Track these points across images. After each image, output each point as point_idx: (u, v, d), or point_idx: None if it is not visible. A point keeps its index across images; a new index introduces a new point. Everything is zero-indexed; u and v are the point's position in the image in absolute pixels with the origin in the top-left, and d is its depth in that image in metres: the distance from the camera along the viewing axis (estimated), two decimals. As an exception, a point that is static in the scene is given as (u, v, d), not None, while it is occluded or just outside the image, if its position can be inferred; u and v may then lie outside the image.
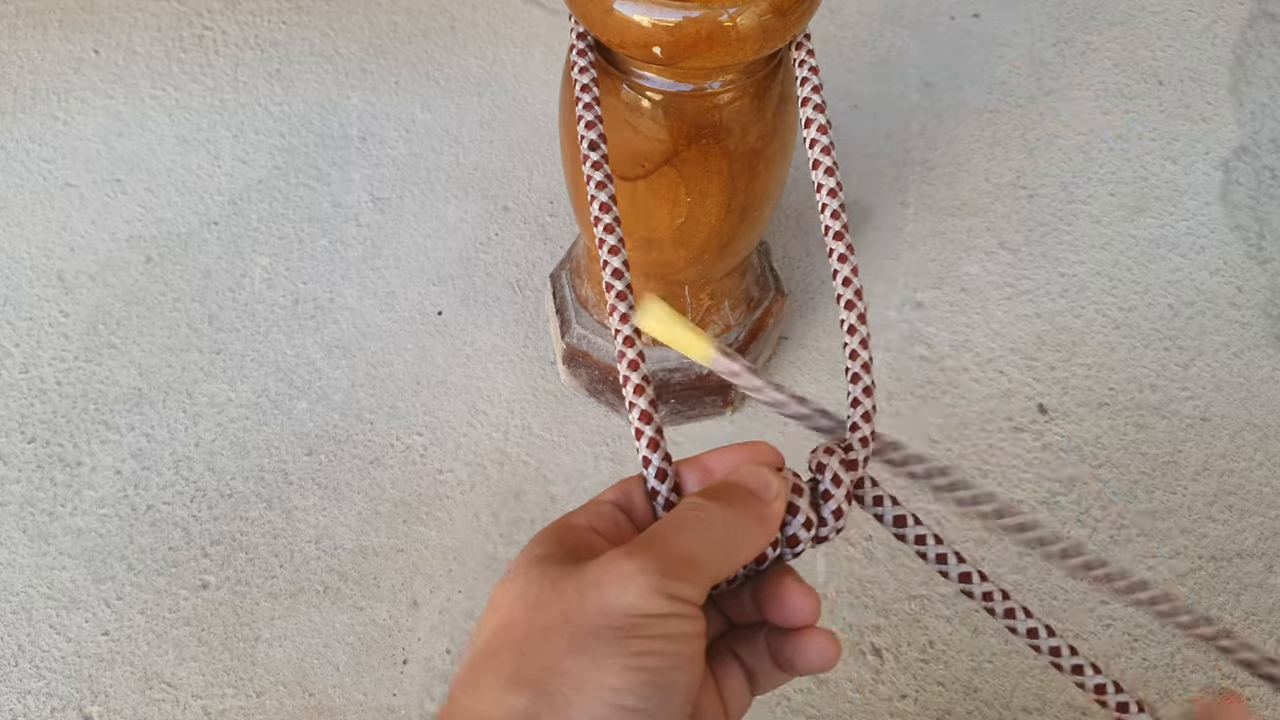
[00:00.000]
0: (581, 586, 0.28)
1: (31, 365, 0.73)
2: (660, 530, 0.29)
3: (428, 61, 0.90)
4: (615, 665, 0.26)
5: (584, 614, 0.27)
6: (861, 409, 0.35)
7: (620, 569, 0.28)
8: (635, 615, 0.27)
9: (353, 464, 0.69)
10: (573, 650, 0.27)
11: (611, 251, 0.37)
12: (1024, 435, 0.70)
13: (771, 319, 0.69)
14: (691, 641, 0.28)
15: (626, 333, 0.35)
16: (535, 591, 0.28)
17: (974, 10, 0.95)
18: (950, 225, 0.81)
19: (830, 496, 0.32)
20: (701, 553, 0.29)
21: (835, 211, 0.38)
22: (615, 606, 0.27)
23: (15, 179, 0.82)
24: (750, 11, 0.44)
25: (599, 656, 0.26)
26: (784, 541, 0.32)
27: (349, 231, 0.79)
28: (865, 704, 0.61)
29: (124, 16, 0.92)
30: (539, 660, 0.27)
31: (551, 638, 0.27)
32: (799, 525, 0.31)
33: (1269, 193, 0.83)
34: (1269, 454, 0.70)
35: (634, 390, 0.34)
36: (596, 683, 0.26)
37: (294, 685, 0.61)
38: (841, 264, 0.37)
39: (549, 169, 0.83)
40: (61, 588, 0.64)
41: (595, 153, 0.40)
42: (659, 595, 0.27)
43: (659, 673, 0.27)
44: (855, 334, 0.36)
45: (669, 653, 0.27)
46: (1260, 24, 0.94)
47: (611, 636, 0.27)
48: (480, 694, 0.27)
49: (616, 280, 0.37)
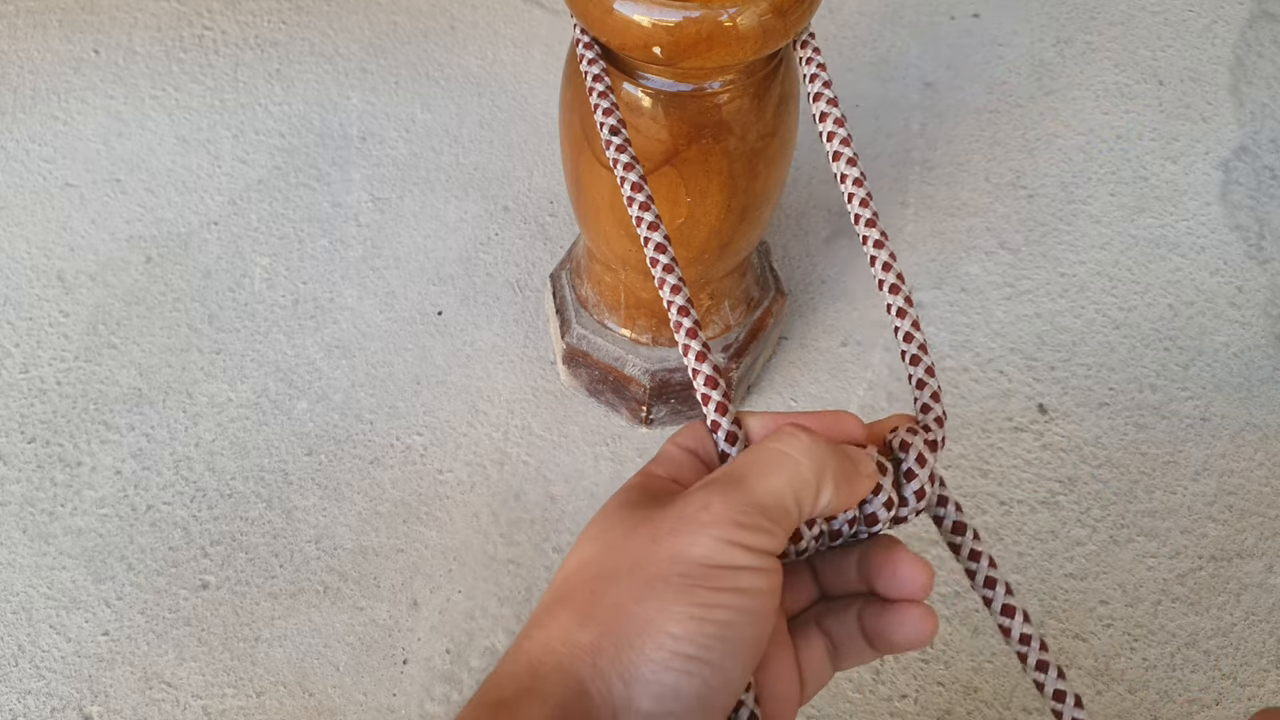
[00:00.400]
0: (656, 532, 0.28)
1: (31, 365, 0.73)
2: (741, 470, 0.29)
3: (428, 61, 0.90)
4: (680, 613, 0.26)
5: (656, 560, 0.27)
6: (929, 389, 0.34)
7: (695, 516, 0.27)
8: (707, 565, 0.27)
9: (353, 464, 0.69)
10: (641, 594, 0.26)
11: (651, 228, 0.37)
12: (1024, 435, 0.70)
13: (771, 319, 0.69)
14: (762, 596, 0.27)
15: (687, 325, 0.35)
16: (612, 536, 0.28)
17: (974, 10, 0.95)
18: (950, 225, 0.81)
19: (914, 476, 0.31)
20: (783, 496, 0.28)
21: (864, 200, 0.38)
22: (687, 555, 0.27)
23: (15, 179, 0.82)
24: (750, 11, 0.44)
25: (666, 603, 0.26)
26: (862, 520, 0.31)
27: (349, 231, 0.79)
28: (865, 704, 0.61)
29: (124, 16, 0.92)
30: (607, 600, 0.27)
31: (621, 580, 0.27)
32: (880, 504, 0.31)
33: (1269, 193, 0.83)
34: (1269, 454, 0.70)
35: (696, 357, 0.34)
36: (659, 629, 0.26)
37: (294, 685, 0.61)
38: (879, 250, 0.37)
39: (549, 169, 0.83)
40: (61, 588, 0.64)
41: (617, 137, 0.40)
42: (734, 547, 0.27)
43: (724, 625, 0.26)
44: (905, 316, 0.35)
45: (737, 606, 0.27)
46: (1260, 24, 0.94)
47: (680, 584, 0.26)
48: (551, 627, 0.27)
49: (661, 255, 0.36)
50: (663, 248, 0.36)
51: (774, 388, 0.73)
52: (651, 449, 0.69)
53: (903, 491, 0.31)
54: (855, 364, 0.74)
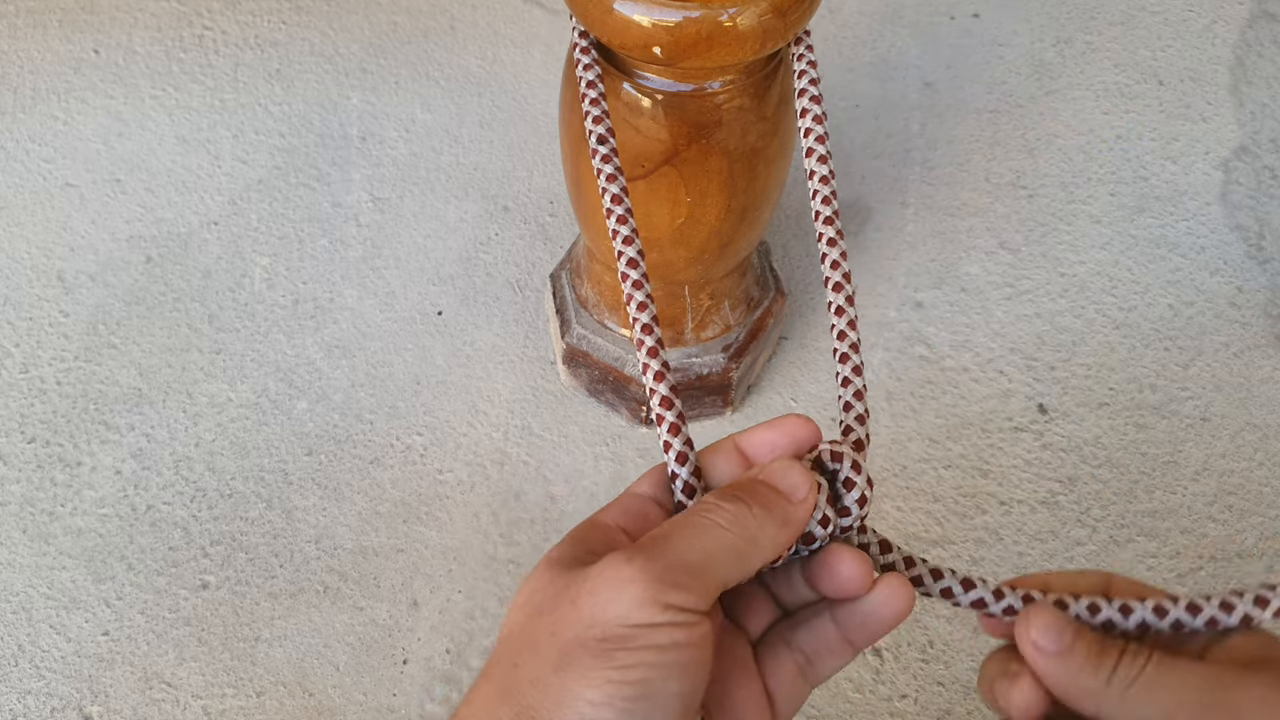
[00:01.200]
0: (578, 594, 0.27)
1: (31, 365, 0.73)
2: (666, 533, 0.28)
3: (428, 61, 0.90)
4: (597, 679, 0.25)
5: (574, 624, 0.26)
6: (854, 412, 0.35)
7: (617, 575, 0.27)
8: (624, 625, 0.26)
9: (353, 464, 0.69)
10: (559, 663, 0.26)
11: (626, 242, 0.37)
12: (1024, 435, 0.70)
13: (771, 319, 0.69)
14: (686, 650, 0.27)
15: (649, 343, 0.35)
16: (538, 600, 0.28)
17: (974, 10, 0.95)
18: (950, 225, 0.81)
19: (853, 485, 0.31)
20: (708, 558, 0.28)
21: (826, 198, 0.38)
22: (603, 616, 0.26)
23: (15, 179, 0.82)
24: (750, 11, 0.44)
25: (584, 670, 0.26)
26: (799, 539, 0.31)
27: (349, 231, 0.79)
28: (865, 704, 0.61)
29: (124, 16, 0.92)
30: (525, 673, 0.26)
31: (540, 649, 0.27)
32: (815, 522, 0.30)
33: (1269, 193, 0.83)
34: (1269, 454, 0.70)
35: (654, 377, 0.34)
36: (577, 697, 0.25)
37: (294, 685, 0.61)
38: (831, 247, 0.37)
39: (549, 169, 0.83)
40: (61, 588, 0.64)
41: (604, 146, 0.40)
42: (652, 605, 0.26)
43: (645, 684, 0.26)
44: (843, 315, 0.36)
45: (657, 664, 0.26)
46: (1260, 24, 0.94)
47: (597, 649, 0.26)
48: (473, 706, 0.27)
49: (632, 270, 0.36)
50: (634, 263, 0.37)
51: (774, 388, 0.73)
52: (652, 449, 0.69)
53: (843, 502, 0.31)
54: (855, 364, 0.74)
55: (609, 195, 0.38)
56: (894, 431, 0.70)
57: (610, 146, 0.40)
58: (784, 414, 0.32)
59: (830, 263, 0.37)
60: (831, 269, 0.37)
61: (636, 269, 0.36)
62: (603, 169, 0.39)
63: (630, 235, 0.37)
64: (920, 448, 0.70)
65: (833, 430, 0.34)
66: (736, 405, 0.71)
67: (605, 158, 0.39)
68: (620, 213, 0.38)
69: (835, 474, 0.32)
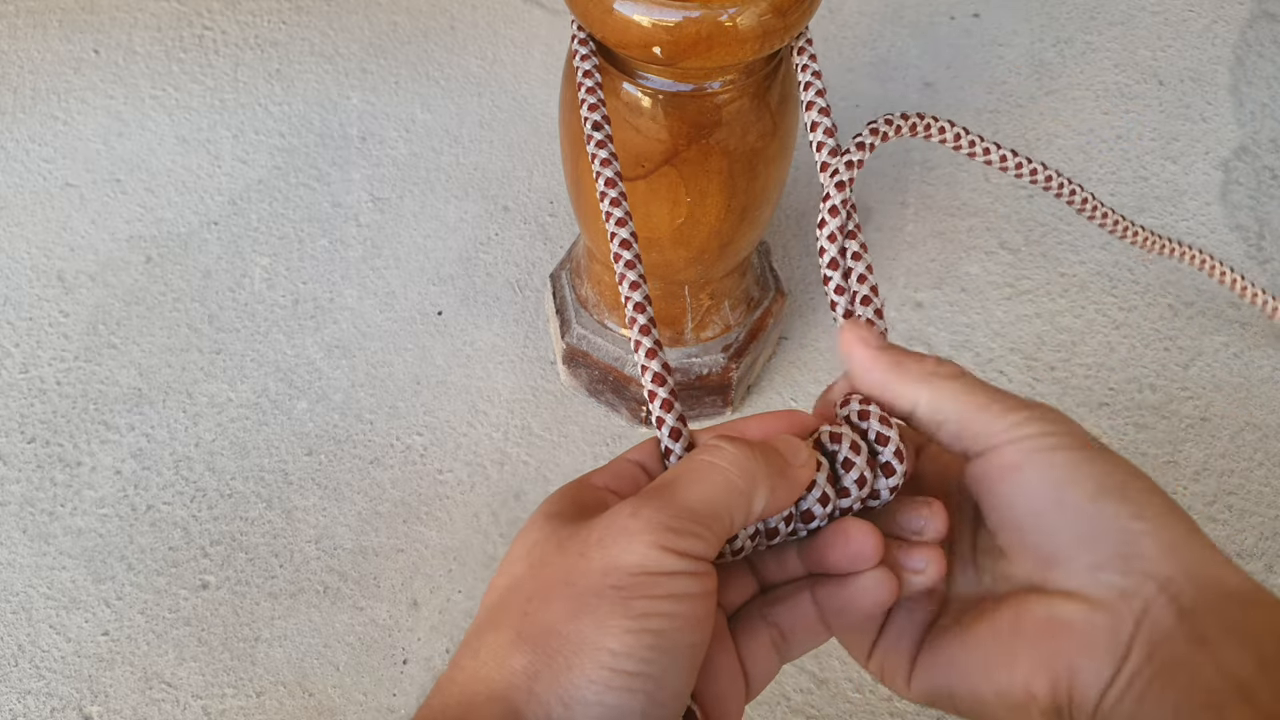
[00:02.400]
0: (585, 545, 0.27)
1: (31, 365, 0.73)
2: (669, 480, 0.28)
3: (428, 61, 0.90)
4: (616, 628, 0.25)
5: (587, 573, 0.26)
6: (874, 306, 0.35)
7: (625, 525, 0.26)
8: (639, 574, 0.26)
9: (353, 464, 0.69)
10: (574, 612, 0.26)
11: (624, 245, 0.37)
12: (1024, 435, 0.70)
13: (771, 319, 0.69)
14: (699, 601, 0.27)
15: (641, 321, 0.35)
16: (540, 551, 0.28)
17: (974, 10, 0.95)
18: (950, 225, 0.81)
19: (851, 465, 0.31)
20: (714, 503, 0.27)
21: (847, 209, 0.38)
22: (619, 564, 0.26)
23: (15, 179, 0.82)
24: (750, 11, 0.44)
25: (601, 618, 0.25)
26: (798, 517, 0.31)
27: (349, 231, 0.79)
28: (865, 704, 0.61)
29: (124, 16, 0.92)
30: (540, 621, 0.26)
31: (553, 598, 0.26)
32: (814, 500, 0.30)
33: (1269, 193, 0.83)
34: (1269, 454, 0.70)
35: (646, 354, 0.34)
36: (596, 645, 0.25)
37: (294, 685, 0.61)
38: (856, 261, 0.37)
39: (549, 169, 0.83)
40: (61, 588, 0.64)
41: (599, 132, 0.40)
42: (666, 552, 0.26)
43: (663, 635, 0.26)
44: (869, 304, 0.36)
45: (675, 614, 0.26)
46: (1260, 24, 0.94)
47: (614, 597, 0.26)
48: (482, 656, 0.26)
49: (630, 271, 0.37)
50: (627, 244, 0.37)
51: (774, 388, 0.73)
52: (651, 449, 0.69)
53: (841, 483, 0.31)
54: (855, 364, 0.74)
55: (603, 179, 0.38)
56: (894, 431, 0.70)
57: (605, 134, 0.40)
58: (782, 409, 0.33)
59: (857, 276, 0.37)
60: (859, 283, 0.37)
61: (634, 270, 0.36)
62: (597, 154, 0.39)
63: (628, 239, 0.37)
64: (920, 448, 0.70)
65: None
66: (736, 405, 0.71)
67: (600, 143, 0.39)
68: (619, 215, 0.38)
69: (834, 455, 0.32)
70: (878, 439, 0.32)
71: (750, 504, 0.28)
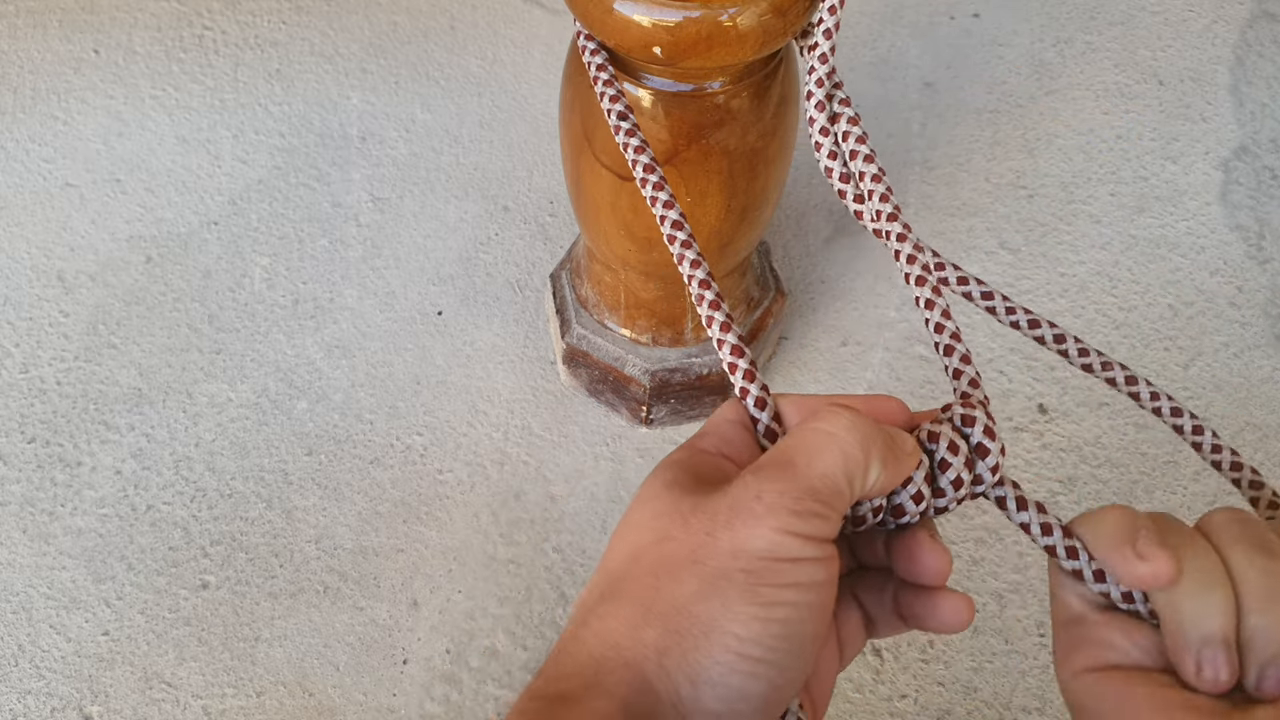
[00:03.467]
0: (712, 524, 0.27)
1: (31, 365, 0.73)
2: (789, 454, 0.28)
3: (428, 61, 0.90)
4: (744, 613, 0.25)
5: (715, 554, 0.26)
6: (967, 376, 0.34)
7: (750, 507, 0.26)
8: (768, 558, 0.26)
9: (353, 464, 0.69)
10: (703, 592, 0.26)
11: (675, 226, 0.37)
12: (1024, 435, 0.70)
13: (771, 319, 0.69)
14: (823, 589, 0.27)
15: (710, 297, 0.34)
16: (664, 524, 0.28)
17: (974, 10, 0.95)
18: (950, 225, 0.81)
19: (948, 466, 0.31)
20: (834, 478, 0.27)
21: (884, 195, 0.38)
22: (746, 548, 0.26)
23: (15, 179, 0.82)
24: (750, 11, 0.44)
25: (729, 602, 0.26)
26: (889, 509, 0.30)
27: (349, 231, 0.79)
28: (865, 704, 0.61)
29: (124, 16, 0.92)
30: (669, 597, 0.26)
31: (682, 576, 0.26)
32: (907, 496, 0.30)
33: (1269, 193, 0.83)
34: (1269, 454, 0.70)
35: (720, 327, 0.34)
36: (724, 629, 0.25)
37: (294, 685, 0.61)
38: (901, 243, 0.36)
39: (549, 169, 0.83)
40: (61, 588, 0.64)
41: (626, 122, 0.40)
42: (792, 537, 0.26)
43: (788, 624, 0.26)
44: (934, 307, 0.35)
45: (800, 603, 0.26)
46: (1260, 24, 0.94)
47: (743, 580, 0.26)
48: (611, 621, 0.27)
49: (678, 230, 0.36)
50: (679, 224, 0.36)
51: (774, 388, 0.73)
52: (652, 449, 0.69)
53: (938, 483, 0.31)
54: (855, 364, 0.74)
55: (641, 165, 0.38)
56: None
57: (632, 122, 0.40)
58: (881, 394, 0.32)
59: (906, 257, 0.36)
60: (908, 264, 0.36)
61: (691, 249, 0.36)
62: (629, 142, 0.39)
63: (679, 219, 0.37)
64: (920, 448, 0.70)
65: None
66: (736, 405, 0.70)
67: (630, 131, 0.39)
68: (665, 198, 0.37)
69: (932, 454, 0.31)
70: (978, 449, 0.31)
71: (867, 473, 0.28)
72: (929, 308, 0.35)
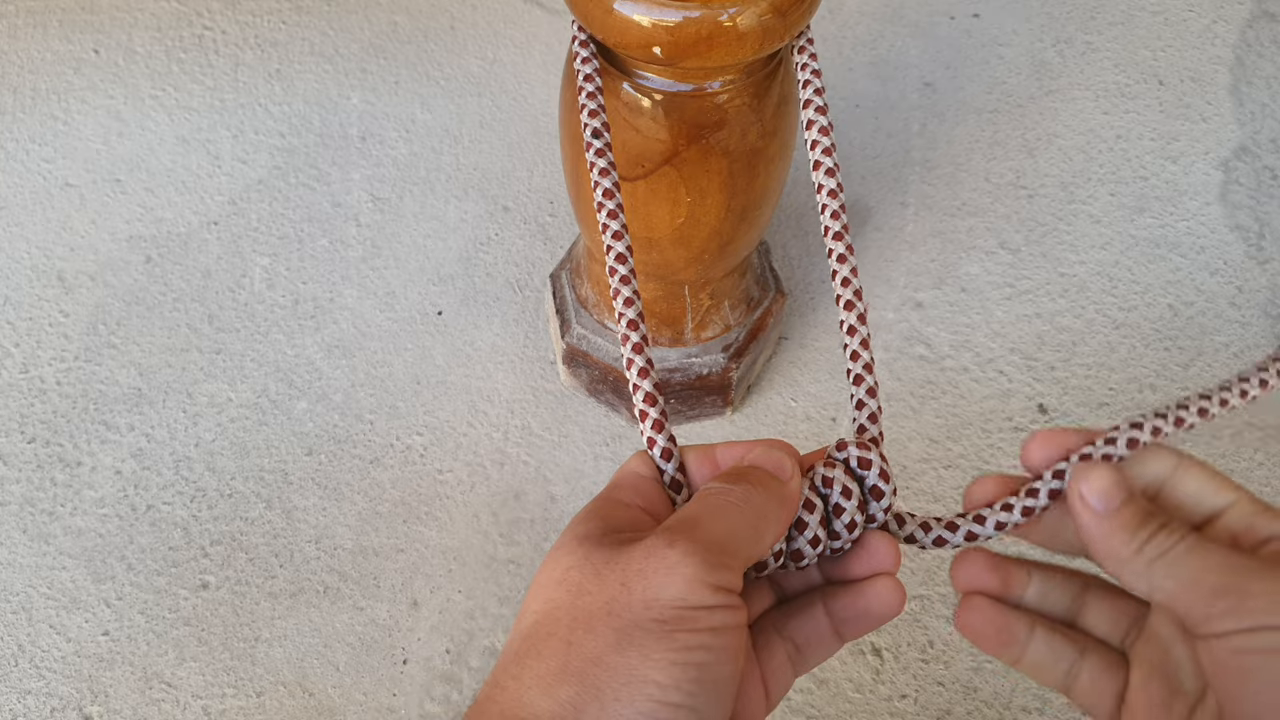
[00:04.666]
0: (625, 575, 0.27)
1: (31, 365, 0.73)
2: (694, 516, 0.29)
3: (428, 61, 0.90)
4: (662, 660, 0.26)
5: (630, 605, 0.27)
6: (867, 410, 0.35)
7: (664, 558, 0.27)
8: (681, 607, 0.26)
9: (353, 464, 0.69)
10: (620, 643, 0.26)
11: (619, 260, 0.37)
12: (1024, 435, 0.70)
13: (771, 319, 0.69)
14: (735, 633, 0.28)
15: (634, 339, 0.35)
16: (578, 577, 0.28)
17: (974, 10, 0.95)
18: (950, 225, 0.81)
19: (842, 511, 0.32)
20: (736, 537, 0.29)
21: (835, 212, 0.38)
22: (660, 598, 0.27)
23: (15, 179, 0.82)
24: (750, 11, 0.44)
25: (647, 650, 0.26)
26: (787, 554, 0.31)
27: (349, 231, 0.79)
28: (865, 704, 0.61)
29: (124, 16, 0.92)
30: (584, 651, 0.26)
31: (596, 628, 0.27)
32: (805, 542, 0.31)
33: (1269, 193, 0.83)
34: (1269, 454, 0.70)
35: (638, 373, 0.34)
36: (642, 678, 0.26)
37: (294, 685, 0.61)
38: (841, 264, 0.37)
39: (549, 169, 0.83)
40: (61, 588, 0.64)
41: (599, 140, 0.40)
42: (704, 586, 0.27)
43: (705, 667, 0.26)
44: (855, 334, 0.36)
45: (715, 646, 0.27)
46: (1260, 24, 0.94)
47: (658, 629, 0.26)
48: (526, 682, 0.27)
49: (620, 264, 0.36)
50: (623, 258, 0.37)
51: (774, 388, 0.73)
52: (651, 449, 0.69)
53: (832, 527, 0.32)
54: (855, 364, 0.74)
55: (601, 189, 0.38)
56: (894, 431, 0.70)
57: (605, 141, 0.40)
58: (769, 439, 0.33)
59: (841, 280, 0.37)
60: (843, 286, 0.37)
61: (629, 285, 0.36)
62: (596, 162, 0.39)
63: (620, 230, 0.37)
64: (920, 448, 0.70)
65: (841, 429, 0.34)
66: (736, 405, 0.71)
67: (599, 151, 0.39)
68: (611, 207, 0.38)
69: (826, 499, 0.32)
70: (873, 491, 0.32)
71: (762, 541, 0.30)
72: (850, 334, 0.36)
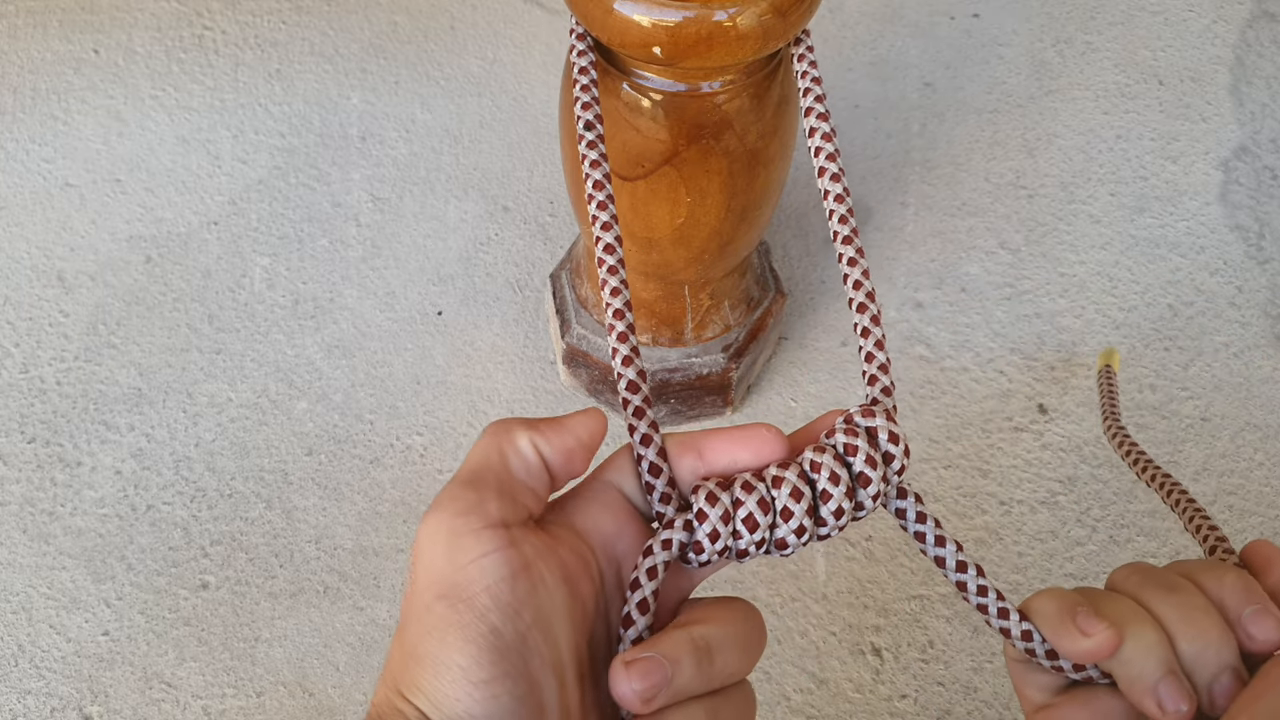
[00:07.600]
0: (413, 568, 0.26)
1: (31, 365, 0.73)
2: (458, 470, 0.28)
3: (428, 61, 0.90)
4: (456, 639, 0.25)
5: (418, 591, 0.26)
6: (880, 384, 0.35)
7: (426, 530, 0.26)
8: (451, 575, 0.25)
9: (353, 464, 0.69)
10: (419, 633, 0.25)
11: (607, 250, 0.37)
12: (1024, 435, 0.70)
13: (771, 319, 0.69)
14: (515, 582, 0.25)
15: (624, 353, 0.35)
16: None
17: (974, 10, 0.95)
18: (950, 225, 0.81)
19: (829, 497, 0.31)
20: (476, 459, 0.28)
21: (843, 216, 0.38)
22: (433, 576, 0.25)
23: (15, 179, 0.82)
24: (750, 11, 0.44)
25: (441, 633, 0.25)
26: (772, 543, 0.30)
27: (349, 231, 0.79)
28: (865, 704, 0.61)
29: (124, 16, 0.92)
30: (402, 651, 0.26)
31: (408, 624, 0.26)
32: (789, 530, 0.30)
33: (1269, 193, 0.83)
34: (1269, 454, 0.70)
35: (622, 362, 0.34)
36: (447, 663, 0.25)
37: (294, 685, 0.61)
38: (852, 267, 0.37)
39: (549, 169, 0.83)
40: (61, 588, 0.64)
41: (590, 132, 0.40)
42: (462, 537, 0.25)
43: (498, 634, 0.25)
44: (869, 336, 0.36)
45: (497, 606, 0.25)
46: (1260, 24, 0.94)
47: (442, 608, 0.25)
48: (378, 693, 0.27)
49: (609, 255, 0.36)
50: (611, 249, 0.36)
51: (774, 388, 0.73)
52: (651, 449, 0.69)
53: (819, 514, 0.31)
54: (855, 364, 0.73)
55: (592, 181, 0.38)
56: (894, 431, 0.70)
57: (597, 133, 0.40)
58: (755, 424, 0.31)
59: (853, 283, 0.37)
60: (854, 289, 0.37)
61: (616, 276, 0.36)
62: (588, 154, 0.39)
63: (613, 243, 0.37)
64: (920, 448, 0.70)
65: None
66: (737, 405, 0.71)
67: (591, 144, 0.39)
68: (605, 219, 0.38)
69: (814, 484, 0.31)
70: (859, 478, 0.32)
71: (515, 443, 0.28)
72: (860, 311, 0.36)
